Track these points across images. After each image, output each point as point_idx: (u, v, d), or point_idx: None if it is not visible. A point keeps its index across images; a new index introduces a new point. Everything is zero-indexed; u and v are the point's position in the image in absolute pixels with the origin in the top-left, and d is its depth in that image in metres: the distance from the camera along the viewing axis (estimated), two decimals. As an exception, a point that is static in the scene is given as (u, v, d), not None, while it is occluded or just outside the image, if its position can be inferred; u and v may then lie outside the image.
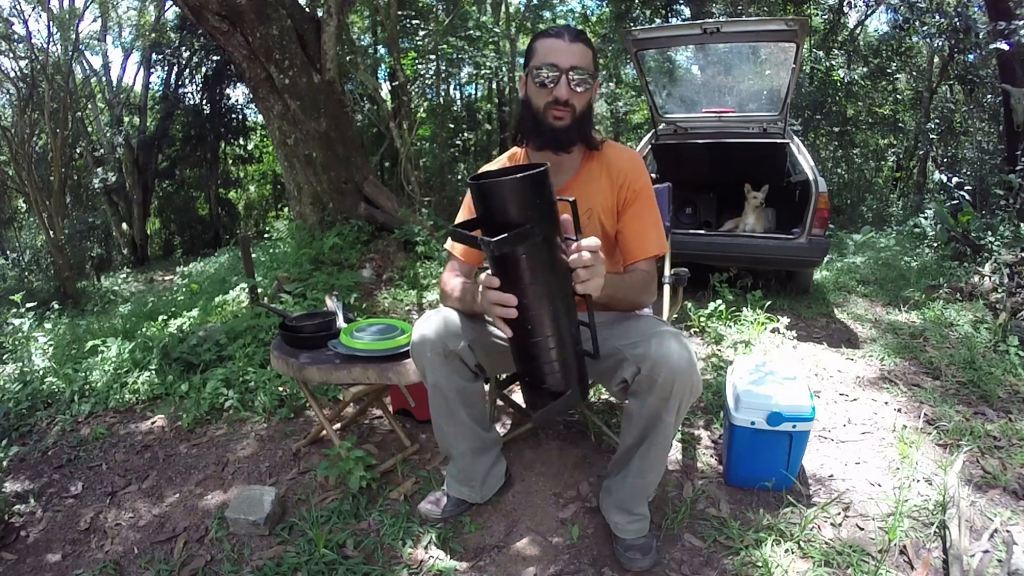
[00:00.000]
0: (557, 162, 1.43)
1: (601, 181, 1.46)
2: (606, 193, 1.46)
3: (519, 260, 1.05)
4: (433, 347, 1.37)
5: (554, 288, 1.09)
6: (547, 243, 1.05)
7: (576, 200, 1.13)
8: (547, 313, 1.09)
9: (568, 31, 1.35)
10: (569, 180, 1.47)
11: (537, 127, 1.39)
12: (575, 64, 1.32)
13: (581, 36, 1.35)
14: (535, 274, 1.06)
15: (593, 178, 1.46)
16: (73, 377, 2.63)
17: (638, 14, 10.34)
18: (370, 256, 4.47)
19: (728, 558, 1.46)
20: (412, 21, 9.14)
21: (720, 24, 3.42)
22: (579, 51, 1.33)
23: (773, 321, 3.03)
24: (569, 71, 1.32)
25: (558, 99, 1.33)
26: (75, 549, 1.64)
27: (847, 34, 9.61)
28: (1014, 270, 3.59)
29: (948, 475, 1.69)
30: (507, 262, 1.07)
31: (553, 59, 1.33)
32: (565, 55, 1.32)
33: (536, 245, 1.04)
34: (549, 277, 1.07)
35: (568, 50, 1.33)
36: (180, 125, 14.24)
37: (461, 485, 1.62)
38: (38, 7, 10.44)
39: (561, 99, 1.33)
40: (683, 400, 1.27)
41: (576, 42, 1.33)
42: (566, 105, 1.34)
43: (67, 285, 8.17)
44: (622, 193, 1.46)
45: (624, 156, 1.48)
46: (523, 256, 1.05)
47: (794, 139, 3.95)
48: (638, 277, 1.43)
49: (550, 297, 1.08)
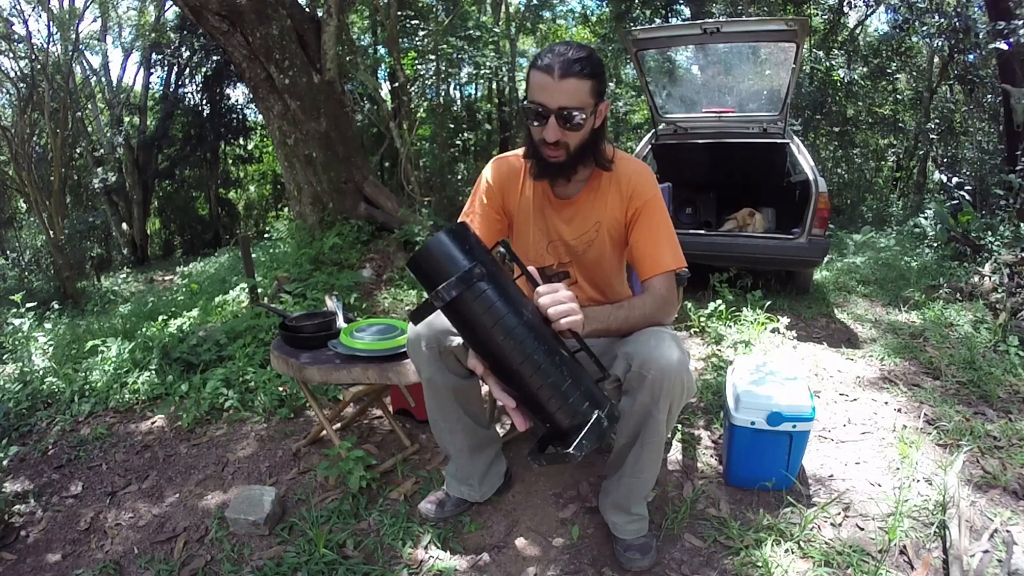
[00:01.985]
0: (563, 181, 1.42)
1: (609, 195, 1.42)
2: (614, 206, 1.42)
3: (472, 306, 0.99)
4: (427, 343, 1.37)
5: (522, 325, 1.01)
6: (493, 280, 1.00)
7: (508, 242, 1.14)
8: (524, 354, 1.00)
9: (560, 64, 1.22)
10: (578, 195, 1.44)
11: (535, 156, 1.37)
12: (564, 104, 1.23)
13: (573, 68, 1.22)
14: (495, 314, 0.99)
15: (601, 192, 1.43)
16: (73, 377, 2.63)
17: (638, 14, 10.34)
18: (370, 256, 4.47)
19: (728, 558, 1.46)
20: (412, 21, 9.13)
21: (720, 24, 3.42)
22: (570, 88, 1.23)
23: (773, 321, 3.03)
24: (558, 111, 1.24)
25: (546, 140, 1.28)
26: (75, 549, 1.64)
27: (847, 34, 9.61)
28: (1014, 270, 3.59)
29: (948, 475, 1.69)
30: (464, 313, 1.01)
31: (540, 98, 1.25)
32: (553, 94, 1.23)
33: (482, 283, 0.98)
34: (511, 314, 1.00)
35: (557, 88, 1.23)
36: (180, 125, 14.23)
37: (460, 484, 1.62)
38: (38, 7, 10.46)
39: (549, 140, 1.27)
40: (674, 398, 1.27)
41: (566, 78, 1.22)
42: (557, 145, 1.28)
43: (67, 285, 8.16)
44: (632, 205, 1.41)
45: (632, 167, 1.44)
46: (475, 300, 0.98)
47: (794, 139, 3.95)
48: (647, 299, 1.36)
49: (521, 336, 1.01)
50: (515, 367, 1.01)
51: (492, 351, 1.02)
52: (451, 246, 1.00)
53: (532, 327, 1.02)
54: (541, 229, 1.48)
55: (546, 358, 1.01)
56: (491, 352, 1.03)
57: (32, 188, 9.01)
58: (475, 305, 0.99)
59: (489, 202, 1.48)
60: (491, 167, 1.51)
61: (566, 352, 1.06)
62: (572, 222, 1.46)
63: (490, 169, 1.51)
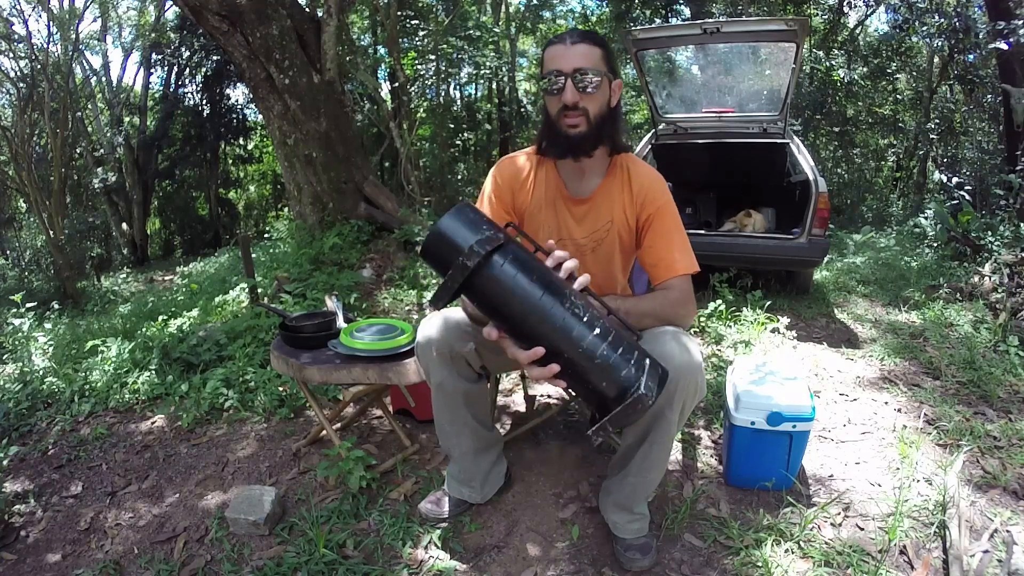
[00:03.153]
0: (579, 169, 1.42)
1: (623, 195, 1.44)
2: (627, 207, 1.44)
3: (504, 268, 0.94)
4: (438, 348, 1.37)
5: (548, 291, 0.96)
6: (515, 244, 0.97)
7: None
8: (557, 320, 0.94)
9: (571, 34, 1.32)
10: (592, 193, 1.45)
11: (554, 136, 1.37)
12: (578, 66, 1.28)
13: (586, 36, 1.32)
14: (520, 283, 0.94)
15: (616, 190, 1.44)
16: (73, 377, 2.63)
17: (638, 14, 10.35)
18: (370, 256, 4.47)
19: (728, 558, 1.46)
20: (412, 21, 9.14)
21: (720, 24, 3.41)
22: (582, 51, 1.29)
23: (773, 321, 3.03)
24: (573, 74, 1.29)
25: (566, 104, 1.30)
26: (75, 549, 1.64)
27: (847, 34, 9.61)
28: (1014, 270, 3.59)
29: (948, 475, 1.69)
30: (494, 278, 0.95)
31: (556, 65, 1.30)
32: (567, 58, 1.29)
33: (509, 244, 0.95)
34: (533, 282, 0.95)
35: (570, 53, 1.29)
36: (180, 125, 14.24)
37: (462, 485, 1.62)
38: (38, 7, 10.45)
39: (569, 103, 1.30)
40: (687, 399, 1.27)
41: (579, 43, 1.30)
42: (576, 108, 1.30)
43: (67, 285, 8.16)
44: (644, 210, 1.42)
45: (646, 172, 1.46)
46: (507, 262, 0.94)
47: (794, 139, 3.95)
48: (659, 297, 1.37)
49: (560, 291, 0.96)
50: (558, 324, 0.94)
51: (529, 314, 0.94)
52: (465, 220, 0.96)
53: (563, 286, 0.99)
54: (551, 226, 1.48)
55: (586, 311, 0.96)
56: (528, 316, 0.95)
57: (32, 188, 9.01)
58: (507, 268, 0.93)
59: (498, 201, 1.48)
60: (499, 167, 1.51)
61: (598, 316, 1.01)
62: (584, 220, 1.46)
63: (498, 169, 1.51)
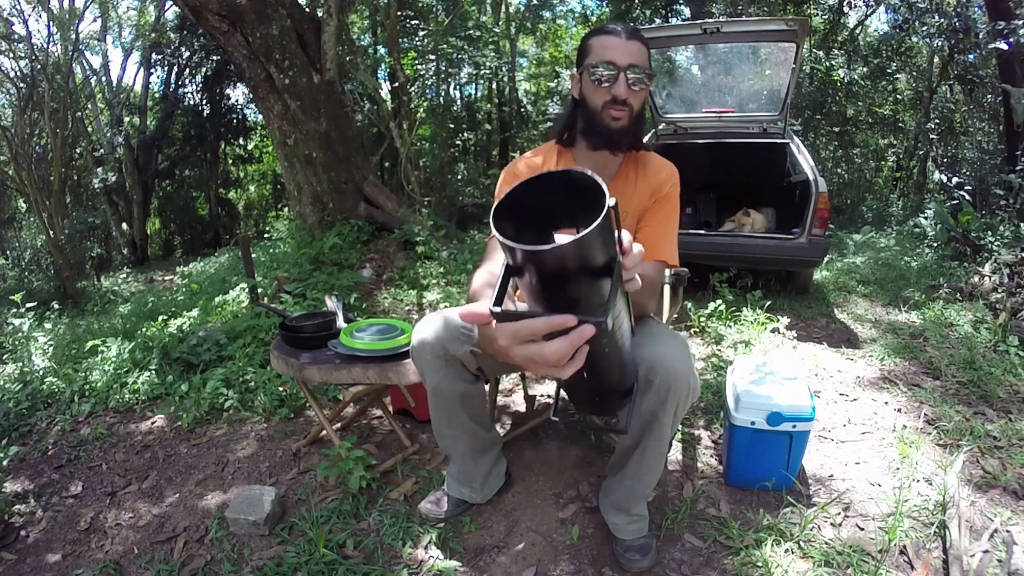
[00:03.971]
0: (601, 163, 1.41)
1: (638, 186, 1.44)
2: (643, 198, 1.44)
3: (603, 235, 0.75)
4: (433, 351, 1.36)
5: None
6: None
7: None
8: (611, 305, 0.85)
9: (625, 29, 1.32)
10: (611, 182, 1.44)
11: (594, 127, 1.36)
12: (633, 62, 1.29)
13: (637, 34, 1.32)
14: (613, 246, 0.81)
15: (631, 182, 1.44)
16: (73, 377, 2.63)
17: (638, 14, 10.34)
18: (370, 256, 4.47)
19: (728, 558, 1.46)
20: (412, 21, 9.15)
21: (720, 24, 3.41)
22: (636, 49, 1.30)
23: (773, 321, 3.03)
24: (627, 69, 1.28)
25: (616, 98, 1.30)
26: (75, 549, 1.64)
27: (847, 34, 9.61)
28: (1014, 270, 3.59)
29: (948, 475, 1.69)
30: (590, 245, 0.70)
31: (610, 57, 1.29)
32: (623, 53, 1.29)
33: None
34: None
35: (625, 48, 1.29)
36: (180, 125, 14.22)
37: (461, 486, 1.62)
38: (38, 7, 10.45)
39: (620, 98, 1.30)
40: (680, 402, 1.27)
41: (633, 39, 1.30)
42: (624, 104, 1.31)
43: (67, 285, 8.15)
44: (654, 196, 1.43)
45: (660, 162, 1.47)
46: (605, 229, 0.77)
47: (794, 139, 3.95)
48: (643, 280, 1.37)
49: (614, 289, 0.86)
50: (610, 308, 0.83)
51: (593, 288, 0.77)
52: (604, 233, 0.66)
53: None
54: None
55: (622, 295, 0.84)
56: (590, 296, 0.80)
57: (32, 188, 9.00)
58: (603, 235, 0.69)
59: None
60: (514, 166, 1.51)
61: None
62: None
63: (513, 167, 1.51)
